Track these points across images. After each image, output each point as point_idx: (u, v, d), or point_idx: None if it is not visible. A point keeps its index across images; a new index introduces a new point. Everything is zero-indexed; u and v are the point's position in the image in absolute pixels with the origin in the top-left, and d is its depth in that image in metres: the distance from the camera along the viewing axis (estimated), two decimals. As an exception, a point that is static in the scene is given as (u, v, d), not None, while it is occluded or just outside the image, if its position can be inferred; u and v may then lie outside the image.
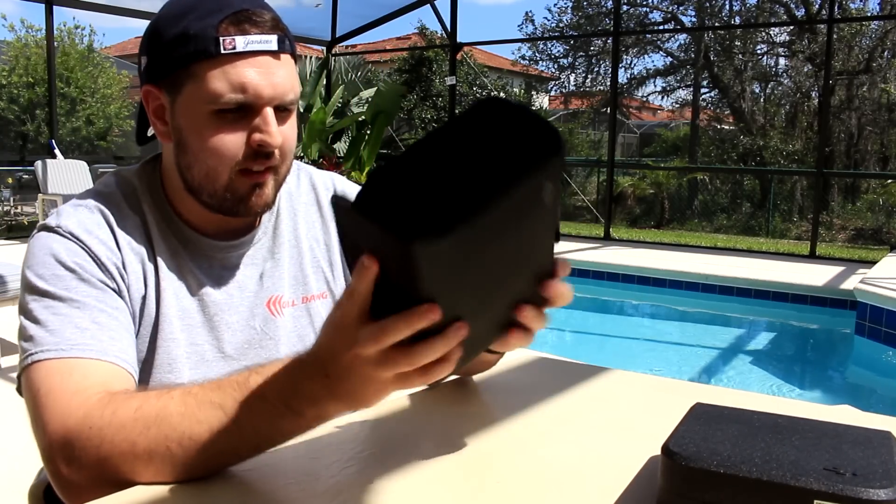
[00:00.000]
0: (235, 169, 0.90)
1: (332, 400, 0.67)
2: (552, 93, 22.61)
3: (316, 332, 0.93)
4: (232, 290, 0.96)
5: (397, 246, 0.54)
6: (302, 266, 1.01)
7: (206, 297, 0.94)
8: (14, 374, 1.08)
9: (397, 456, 0.87)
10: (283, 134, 0.91)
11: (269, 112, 0.88)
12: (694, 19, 18.63)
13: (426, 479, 0.80)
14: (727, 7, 18.40)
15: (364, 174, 9.75)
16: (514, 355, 1.30)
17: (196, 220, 0.97)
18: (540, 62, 20.68)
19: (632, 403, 1.06)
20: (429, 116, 16.14)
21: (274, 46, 0.87)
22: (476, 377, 1.15)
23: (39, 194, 8.09)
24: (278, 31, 0.89)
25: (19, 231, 9.83)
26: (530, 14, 27.87)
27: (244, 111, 0.88)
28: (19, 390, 0.85)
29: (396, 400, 1.03)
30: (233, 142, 0.88)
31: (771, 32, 17.85)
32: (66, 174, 8.26)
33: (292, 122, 0.93)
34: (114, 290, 0.89)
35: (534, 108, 19.25)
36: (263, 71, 0.87)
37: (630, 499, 0.75)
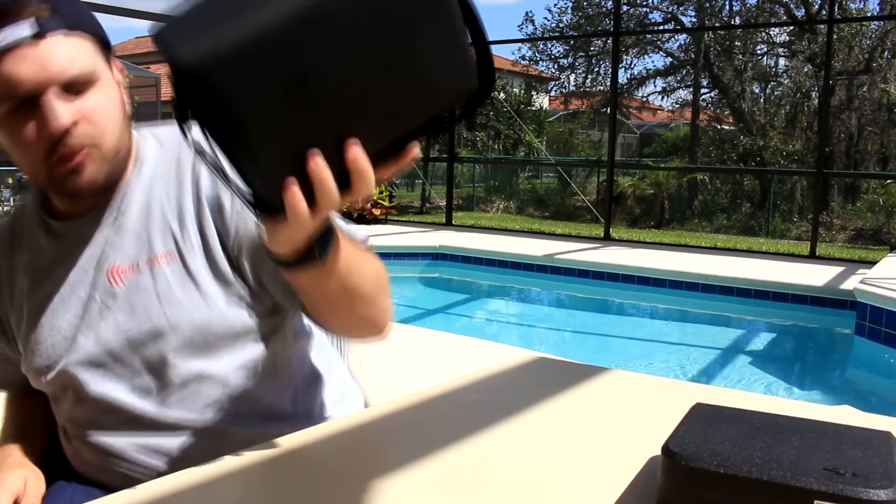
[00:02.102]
0: (52, 160, 0.87)
1: None
2: (552, 93, 22.59)
3: (160, 297, 0.93)
4: (84, 264, 0.97)
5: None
6: (147, 227, 0.97)
7: (61, 278, 0.98)
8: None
9: (397, 456, 0.87)
10: (80, 111, 0.87)
11: (48, 99, 0.84)
12: (694, 19, 18.61)
13: (426, 479, 0.80)
14: (727, 7, 18.41)
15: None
16: (515, 356, 1.30)
17: (58, 207, 0.99)
18: (540, 62, 20.67)
19: (632, 403, 1.06)
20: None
21: (27, 31, 0.83)
22: (476, 377, 1.15)
23: (39, 194, 8.09)
24: (35, 12, 0.83)
25: (19, 231, 9.80)
26: (530, 14, 27.90)
27: (32, 104, 0.85)
28: None
29: (396, 400, 1.03)
30: (32, 138, 0.86)
31: (771, 33, 17.85)
32: (66, 174, 8.24)
33: (95, 94, 0.89)
34: None
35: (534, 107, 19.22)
36: (27, 62, 0.83)
37: (630, 499, 0.75)
